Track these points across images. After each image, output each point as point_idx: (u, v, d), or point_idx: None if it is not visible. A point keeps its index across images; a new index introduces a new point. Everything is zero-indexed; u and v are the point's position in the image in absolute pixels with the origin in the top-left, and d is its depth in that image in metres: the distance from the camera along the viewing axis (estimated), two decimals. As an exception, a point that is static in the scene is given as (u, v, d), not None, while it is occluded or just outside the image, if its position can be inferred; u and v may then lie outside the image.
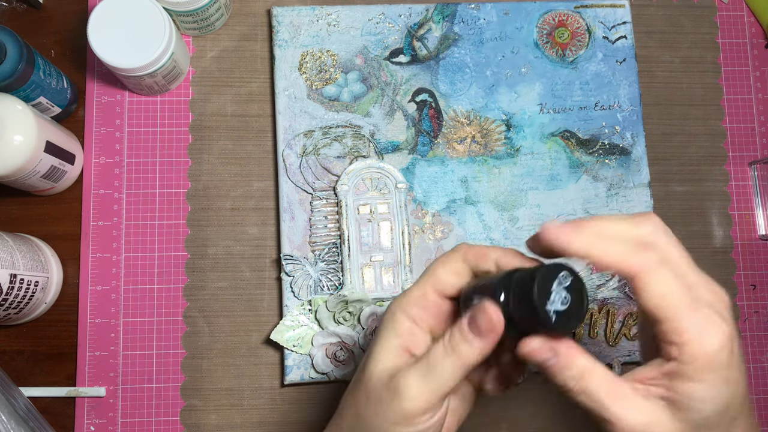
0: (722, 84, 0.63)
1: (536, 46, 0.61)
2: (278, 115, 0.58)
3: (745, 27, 0.65)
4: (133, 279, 0.57)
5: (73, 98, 0.58)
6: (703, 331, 0.28)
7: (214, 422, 0.56)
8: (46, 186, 0.55)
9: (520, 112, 0.60)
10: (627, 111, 0.60)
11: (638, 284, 0.29)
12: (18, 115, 0.49)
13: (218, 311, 0.57)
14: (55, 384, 0.56)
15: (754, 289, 0.61)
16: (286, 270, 0.56)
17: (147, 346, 0.56)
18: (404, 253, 0.56)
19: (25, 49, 0.50)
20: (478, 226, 0.58)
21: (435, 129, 0.59)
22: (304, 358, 0.55)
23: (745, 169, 0.63)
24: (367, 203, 0.57)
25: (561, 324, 0.29)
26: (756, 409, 0.59)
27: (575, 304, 0.30)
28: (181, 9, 0.54)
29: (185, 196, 0.58)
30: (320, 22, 0.59)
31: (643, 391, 0.30)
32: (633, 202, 0.59)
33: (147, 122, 0.59)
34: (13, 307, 0.51)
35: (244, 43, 0.61)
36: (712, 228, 0.61)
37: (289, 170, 0.57)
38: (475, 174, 0.59)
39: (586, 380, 0.29)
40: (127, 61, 0.51)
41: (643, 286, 0.29)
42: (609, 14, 0.61)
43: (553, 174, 0.59)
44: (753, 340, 0.60)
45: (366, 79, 0.59)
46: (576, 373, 0.30)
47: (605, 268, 0.29)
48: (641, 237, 0.30)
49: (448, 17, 0.60)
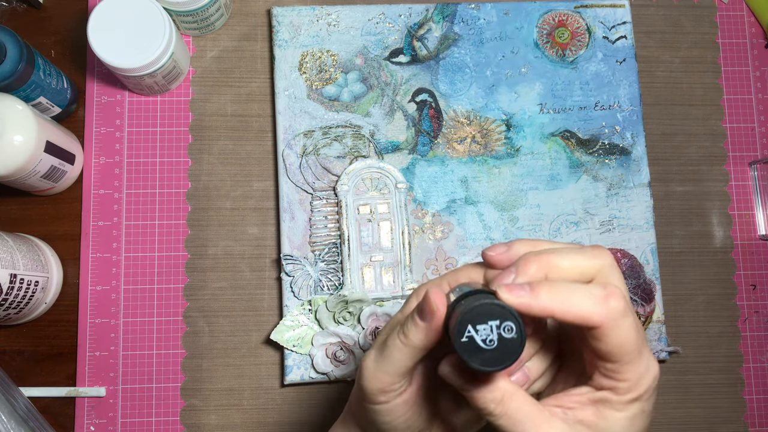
0: (722, 84, 0.63)
1: (536, 46, 0.61)
2: (278, 115, 0.58)
3: (745, 27, 0.65)
4: (133, 279, 0.57)
5: (73, 98, 0.58)
6: (642, 374, 0.30)
7: (214, 422, 0.56)
8: (46, 186, 0.55)
9: (520, 112, 0.60)
10: (627, 111, 0.60)
11: (599, 333, 0.29)
12: (18, 115, 0.49)
13: (218, 311, 0.57)
14: (55, 384, 0.56)
15: (754, 289, 0.61)
16: (286, 270, 0.56)
17: (147, 346, 0.56)
18: (404, 253, 0.56)
19: (25, 49, 0.50)
20: (478, 226, 0.58)
21: (435, 129, 0.59)
22: (304, 358, 0.55)
23: (745, 169, 0.63)
24: (367, 203, 0.57)
25: (478, 363, 0.28)
26: (756, 409, 0.59)
27: (501, 347, 0.28)
28: (181, 9, 0.54)
29: (185, 196, 0.58)
30: (320, 22, 0.59)
31: (562, 416, 0.30)
32: (633, 202, 0.59)
33: (147, 122, 0.59)
34: (13, 307, 0.51)
35: (244, 43, 0.61)
36: (712, 228, 0.61)
37: (289, 170, 0.57)
38: (475, 174, 0.59)
39: (506, 404, 0.29)
40: (127, 61, 0.52)
41: (604, 334, 0.29)
42: (609, 14, 0.61)
43: (553, 174, 0.59)
44: (753, 340, 0.60)
45: (366, 79, 0.59)
46: (497, 395, 0.29)
47: (569, 323, 0.29)
48: (600, 272, 0.30)
49: (448, 17, 0.60)
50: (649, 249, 0.58)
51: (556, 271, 0.30)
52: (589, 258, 0.30)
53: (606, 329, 0.29)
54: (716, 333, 0.60)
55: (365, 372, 0.33)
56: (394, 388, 0.33)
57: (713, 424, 0.59)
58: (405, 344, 0.32)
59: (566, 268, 0.30)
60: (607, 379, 0.30)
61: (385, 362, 0.33)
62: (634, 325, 0.29)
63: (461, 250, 0.57)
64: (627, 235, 0.59)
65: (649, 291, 0.58)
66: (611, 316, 0.28)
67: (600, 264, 0.30)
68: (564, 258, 0.30)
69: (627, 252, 0.58)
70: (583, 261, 0.30)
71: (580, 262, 0.30)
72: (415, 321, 0.32)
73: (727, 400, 0.59)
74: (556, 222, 0.58)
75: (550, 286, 0.29)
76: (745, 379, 0.59)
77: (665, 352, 0.58)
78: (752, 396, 0.59)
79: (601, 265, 0.30)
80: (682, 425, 0.59)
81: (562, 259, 0.30)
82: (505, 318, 0.28)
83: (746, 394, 0.59)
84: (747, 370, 0.60)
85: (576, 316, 0.28)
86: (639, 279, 0.58)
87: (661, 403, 0.59)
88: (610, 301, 0.28)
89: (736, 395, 0.59)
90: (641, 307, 0.58)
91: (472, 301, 0.29)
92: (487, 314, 0.28)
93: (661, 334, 0.58)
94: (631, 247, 0.58)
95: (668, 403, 0.59)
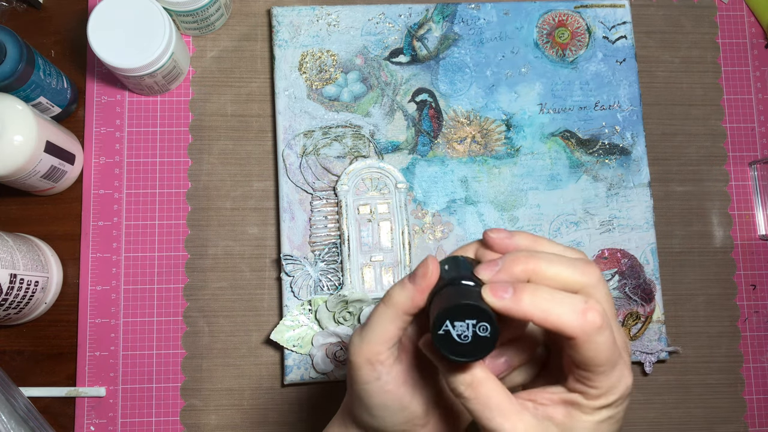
0: (722, 84, 0.63)
1: (536, 46, 0.61)
2: (278, 115, 0.58)
3: (745, 27, 0.65)
4: (133, 279, 0.57)
5: (73, 98, 0.58)
6: (614, 384, 0.30)
7: (214, 422, 0.56)
8: (46, 186, 0.55)
9: (520, 112, 0.60)
10: (627, 111, 0.60)
11: (576, 343, 0.30)
12: (18, 115, 0.49)
13: (218, 311, 0.57)
14: (55, 384, 0.56)
15: (754, 289, 0.61)
16: (286, 270, 0.56)
17: (147, 346, 0.56)
18: (404, 253, 0.56)
19: (25, 49, 0.50)
20: (478, 226, 0.58)
21: (435, 129, 0.59)
22: (304, 358, 0.55)
23: (745, 169, 0.63)
24: (367, 203, 0.57)
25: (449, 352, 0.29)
26: (756, 409, 0.59)
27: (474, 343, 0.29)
28: (181, 9, 0.54)
29: (185, 196, 0.58)
30: (320, 22, 0.59)
31: (532, 410, 0.31)
32: (633, 202, 0.59)
33: (147, 122, 0.59)
34: (13, 307, 0.51)
35: (244, 43, 0.61)
36: (712, 228, 0.61)
37: (289, 170, 0.57)
38: (475, 174, 0.59)
39: (477, 388, 0.30)
40: (127, 61, 0.52)
41: (579, 345, 0.30)
42: (609, 14, 0.61)
43: (553, 174, 0.59)
44: (753, 340, 0.60)
45: (366, 79, 0.59)
46: (467, 378, 0.31)
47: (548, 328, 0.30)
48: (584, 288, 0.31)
49: (448, 17, 0.60)
50: (649, 249, 0.58)
51: (539, 276, 0.31)
52: (575, 272, 0.31)
53: (580, 341, 0.29)
54: (716, 333, 0.60)
55: (351, 348, 0.34)
56: (380, 359, 0.33)
57: (713, 424, 0.59)
58: (387, 306, 0.33)
59: (550, 277, 0.31)
60: (580, 383, 0.31)
61: (369, 331, 0.33)
62: (609, 340, 0.30)
63: (461, 250, 0.57)
64: (627, 235, 0.59)
65: (649, 291, 0.58)
66: (586, 330, 0.29)
67: (585, 281, 0.31)
68: (551, 266, 0.31)
69: (627, 252, 0.58)
70: (568, 274, 0.31)
71: (565, 275, 0.31)
72: (402, 283, 0.32)
73: (727, 400, 0.59)
74: (556, 222, 0.58)
75: (533, 291, 0.30)
76: (745, 379, 0.59)
77: (665, 352, 0.58)
78: (752, 396, 0.59)
79: (586, 283, 0.31)
80: (682, 425, 0.59)
81: (549, 267, 0.31)
82: (482, 319, 0.29)
83: (746, 394, 0.59)
84: (747, 370, 0.60)
85: (553, 325, 0.29)
86: (639, 279, 0.58)
87: (661, 403, 0.59)
88: (588, 314, 0.29)
89: (736, 395, 0.59)
90: (641, 307, 0.58)
91: (454, 295, 0.30)
92: (465, 313, 0.29)
93: (661, 334, 0.58)
94: (631, 247, 0.58)
95: (668, 403, 0.59)
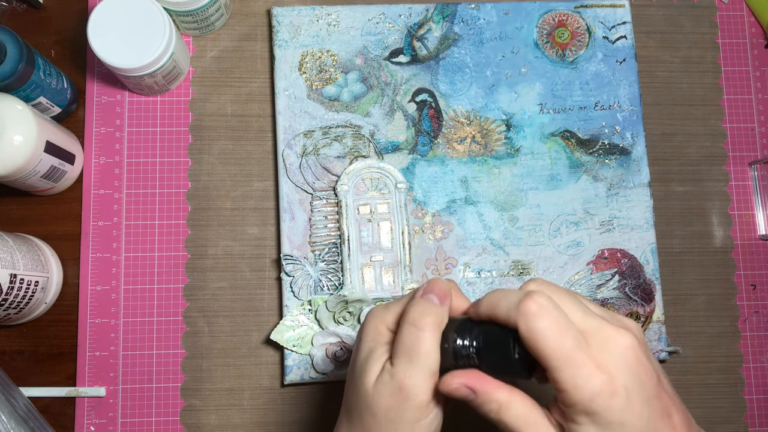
0: (722, 84, 0.63)
1: (536, 46, 0.61)
2: (278, 115, 0.58)
3: (745, 27, 0.65)
4: (133, 279, 0.57)
5: (73, 98, 0.58)
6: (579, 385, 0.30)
7: (214, 422, 0.56)
8: (46, 186, 0.55)
9: (520, 112, 0.60)
10: (627, 111, 0.60)
11: (523, 334, 0.31)
12: (18, 115, 0.49)
13: (218, 311, 0.57)
14: (55, 384, 0.56)
15: (754, 289, 0.61)
16: (286, 270, 0.56)
17: (147, 346, 0.56)
18: (404, 253, 0.56)
19: (25, 49, 0.50)
20: (478, 226, 0.58)
21: (435, 129, 0.59)
22: (304, 358, 0.55)
23: (745, 169, 0.63)
24: (367, 203, 0.57)
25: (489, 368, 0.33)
26: (756, 409, 0.59)
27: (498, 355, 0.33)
28: (181, 9, 0.54)
29: (185, 196, 0.58)
30: (320, 22, 0.59)
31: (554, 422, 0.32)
32: (633, 202, 0.59)
33: (147, 122, 0.59)
34: (13, 307, 0.51)
35: (244, 43, 0.61)
36: (712, 228, 0.61)
37: (289, 170, 0.57)
38: (475, 174, 0.59)
39: (503, 412, 0.32)
40: (127, 61, 0.52)
41: (523, 336, 0.31)
42: (609, 14, 0.61)
43: (553, 174, 0.59)
44: (753, 340, 0.60)
45: (366, 79, 0.59)
46: (494, 406, 0.32)
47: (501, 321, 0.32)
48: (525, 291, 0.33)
49: (448, 17, 0.60)
50: (649, 249, 0.58)
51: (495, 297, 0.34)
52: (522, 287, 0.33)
53: (522, 332, 0.31)
54: (716, 333, 0.60)
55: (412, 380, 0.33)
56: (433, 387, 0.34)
57: (713, 424, 0.59)
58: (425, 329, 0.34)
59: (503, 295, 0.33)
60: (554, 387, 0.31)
61: (420, 363, 0.34)
62: (554, 329, 0.30)
63: (461, 250, 0.57)
64: (627, 235, 0.59)
65: (649, 291, 0.58)
66: (522, 319, 0.30)
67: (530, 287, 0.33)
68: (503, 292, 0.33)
69: (627, 252, 0.58)
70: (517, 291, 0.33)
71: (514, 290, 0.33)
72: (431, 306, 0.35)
73: (727, 400, 0.59)
74: (556, 222, 0.58)
75: (488, 294, 0.33)
76: (745, 379, 0.59)
77: (665, 352, 0.58)
78: (752, 396, 0.59)
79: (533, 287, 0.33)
80: (682, 425, 0.58)
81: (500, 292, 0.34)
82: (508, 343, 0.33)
83: (746, 394, 0.59)
84: (747, 370, 0.60)
85: (500, 317, 0.32)
86: (639, 279, 0.58)
87: (661, 403, 0.59)
88: (525, 302, 0.31)
89: (736, 395, 0.59)
90: (641, 307, 0.58)
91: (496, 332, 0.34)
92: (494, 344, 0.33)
93: (661, 334, 0.58)
94: (631, 247, 0.58)
95: (668, 403, 0.59)
